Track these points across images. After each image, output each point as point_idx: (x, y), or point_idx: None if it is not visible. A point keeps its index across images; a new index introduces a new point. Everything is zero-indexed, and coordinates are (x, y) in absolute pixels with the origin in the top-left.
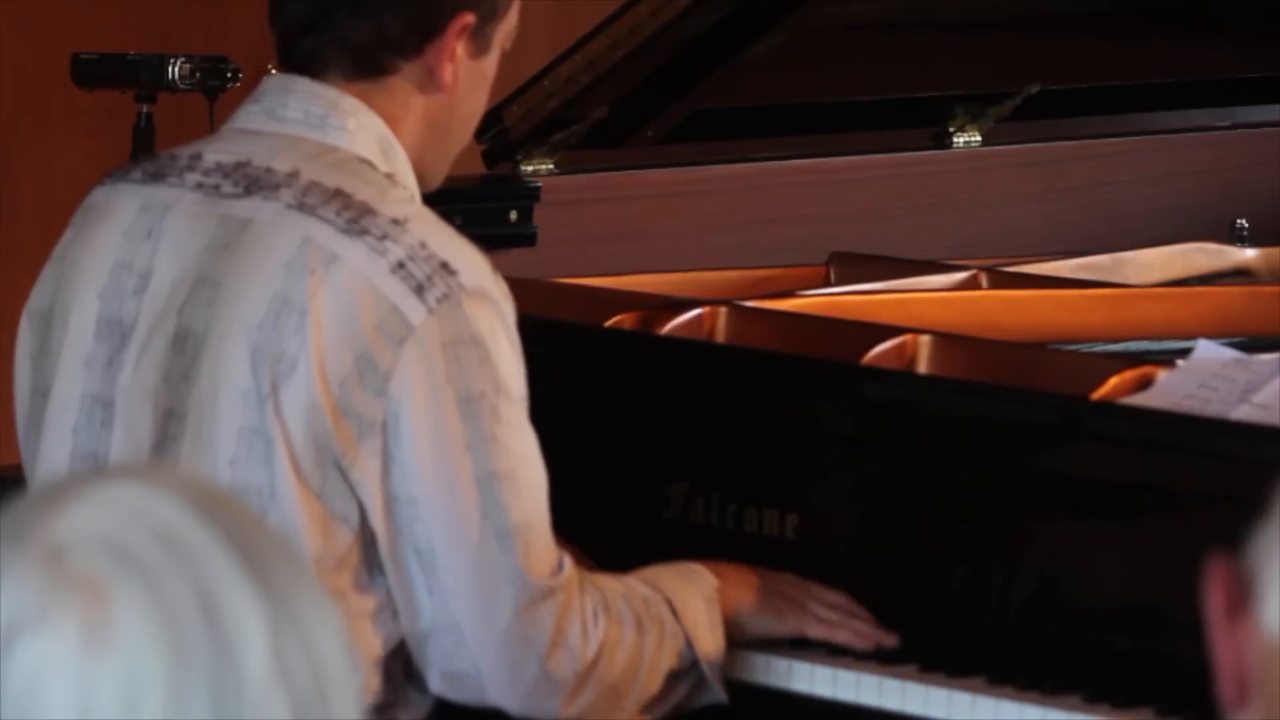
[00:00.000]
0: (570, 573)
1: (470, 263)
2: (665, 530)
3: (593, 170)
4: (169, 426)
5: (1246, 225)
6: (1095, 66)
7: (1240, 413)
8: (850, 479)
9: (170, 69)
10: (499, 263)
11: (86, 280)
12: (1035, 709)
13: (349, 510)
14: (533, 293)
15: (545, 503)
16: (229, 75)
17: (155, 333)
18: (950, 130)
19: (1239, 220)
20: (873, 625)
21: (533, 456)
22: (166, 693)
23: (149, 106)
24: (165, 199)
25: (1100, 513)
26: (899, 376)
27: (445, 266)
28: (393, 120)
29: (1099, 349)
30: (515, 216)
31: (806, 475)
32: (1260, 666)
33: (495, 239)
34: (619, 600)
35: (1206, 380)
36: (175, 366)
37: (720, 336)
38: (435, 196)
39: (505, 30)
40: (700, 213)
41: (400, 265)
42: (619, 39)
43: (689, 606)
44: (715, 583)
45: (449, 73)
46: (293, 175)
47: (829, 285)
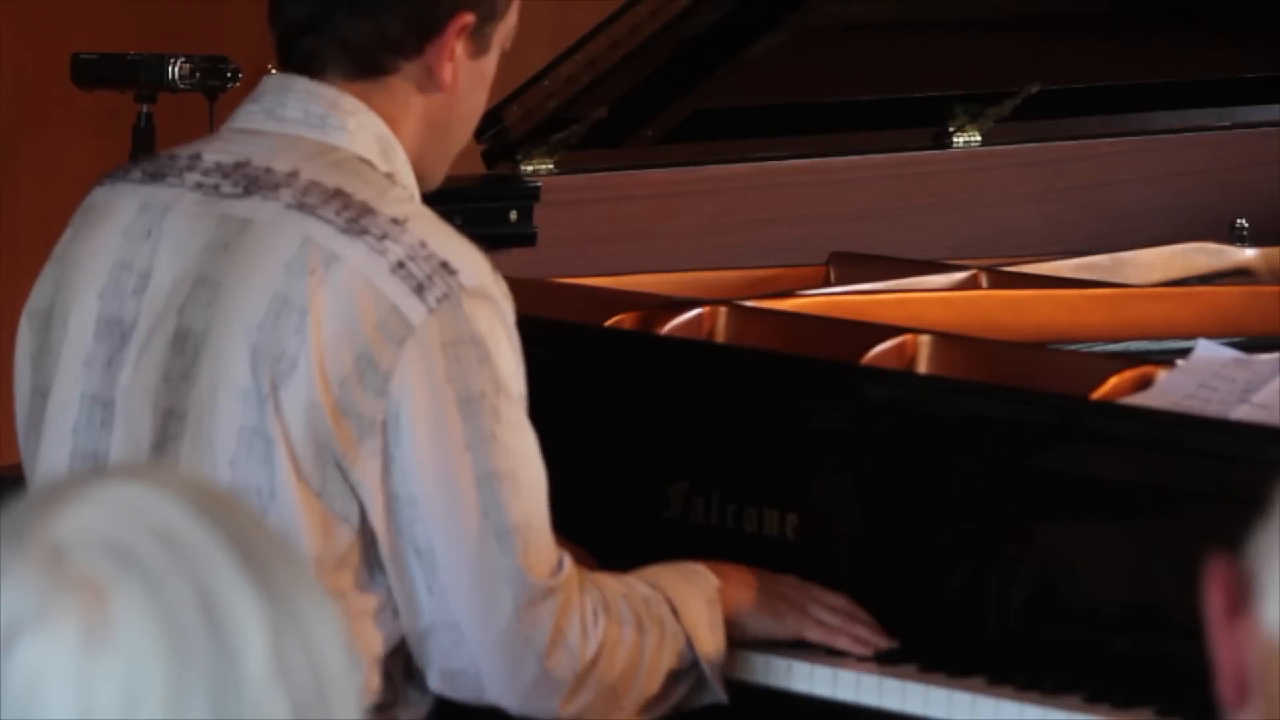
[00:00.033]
0: (570, 572)
1: (470, 262)
2: (665, 530)
3: (593, 170)
4: (169, 426)
5: (1246, 225)
6: (1095, 66)
7: (1240, 413)
8: (850, 479)
9: (170, 69)
10: (499, 263)
11: (86, 280)
12: (1035, 709)
13: (349, 510)
14: (533, 293)
15: (545, 502)
16: (229, 75)
17: (155, 333)
18: (950, 130)
19: (1239, 220)
20: (872, 629)
21: (532, 456)
22: (166, 693)
23: (149, 106)
24: (165, 199)
25: (1100, 513)
26: (899, 376)
27: (445, 266)
28: (392, 120)
29: (1099, 349)
30: (515, 216)
31: (806, 475)
32: (1260, 666)
33: (495, 239)
34: (619, 600)
35: (1206, 380)
36: (175, 366)
37: (720, 336)
38: (435, 196)
39: (505, 30)
40: (700, 213)
41: (400, 265)
42: (619, 39)
43: (690, 606)
44: (716, 582)
45: (449, 72)
46: (292, 175)
47: (829, 285)
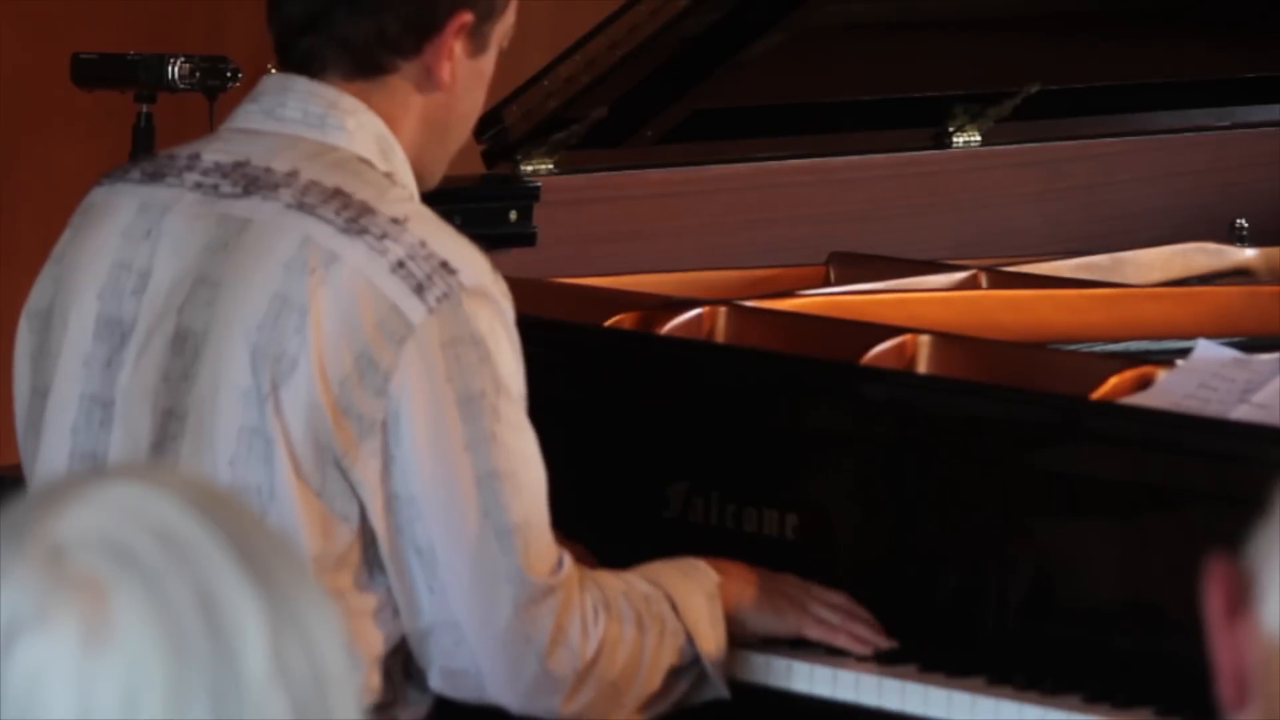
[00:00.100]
0: (570, 571)
1: (470, 262)
2: (665, 530)
3: (592, 170)
4: (168, 426)
5: (1246, 225)
6: (1095, 66)
7: (1240, 413)
8: (850, 479)
9: (170, 69)
10: (499, 263)
11: (85, 280)
12: (1035, 709)
13: (349, 509)
14: (533, 293)
15: (545, 501)
16: (229, 75)
17: (154, 333)
18: (950, 130)
19: (1238, 220)
20: (872, 629)
21: (532, 455)
22: (166, 693)
23: (149, 106)
24: (164, 199)
25: (1100, 513)
26: (899, 376)
27: (445, 265)
28: (391, 119)
29: (1099, 349)
30: (515, 216)
31: (806, 475)
32: (1260, 666)
33: (495, 239)
34: (619, 598)
35: (1206, 380)
36: (174, 366)
37: (720, 336)
38: (435, 196)
39: (503, 29)
40: (700, 213)
41: (400, 264)
42: (619, 39)
43: (690, 603)
44: (716, 578)
45: (447, 71)
46: (292, 175)
47: (829, 285)
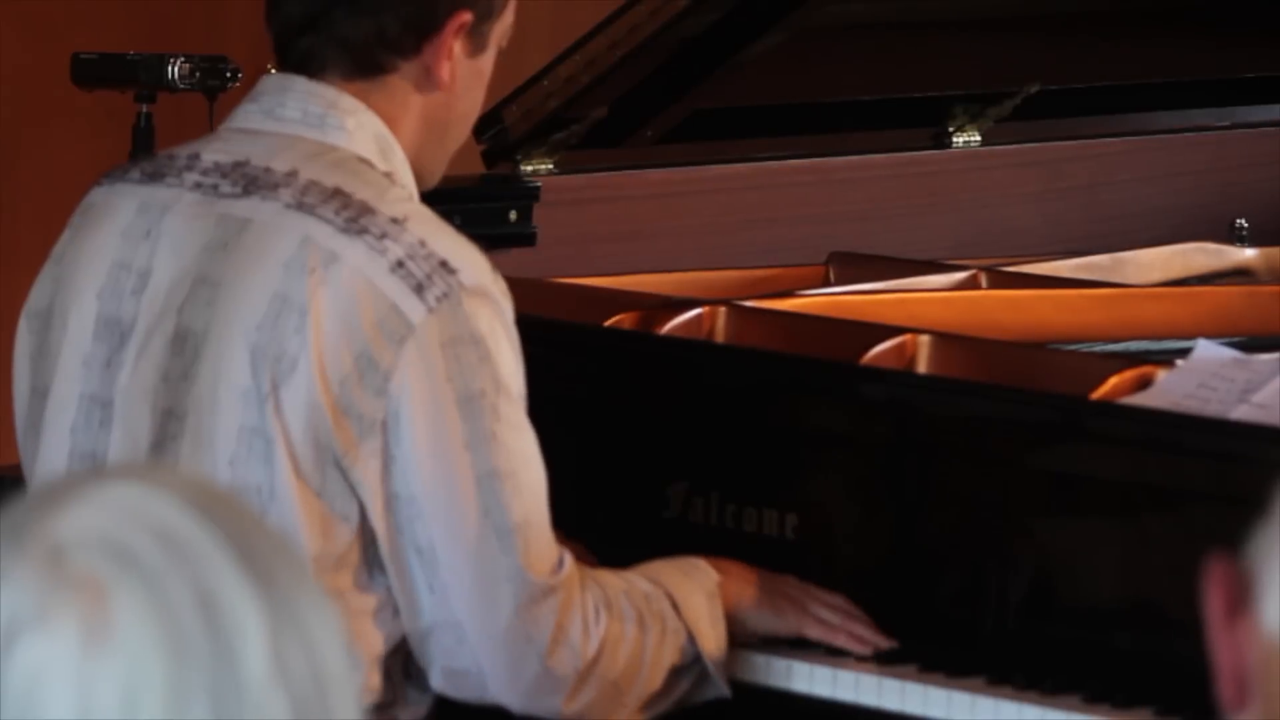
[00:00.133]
0: (571, 570)
1: (469, 261)
2: (665, 530)
3: (592, 170)
4: (168, 426)
5: (1246, 225)
6: (1095, 66)
7: (1240, 413)
8: (850, 479)
9: (170, 69)
10: (499, 263)
11: (85, 280)
12: (1034, 709)
13: (349, 509)
14: (533, 293)
15: (545, 501)
16: (229, 75)
17: (154, 333)
18: (950, 130)
19: (1238, 220)
20: (871, 630)
21: (532, 455)
22: (166, 693)
23: (149, 106)
24: (163, 199)
25: (1100, 513)
26: (899, 376)
27: (445, 265)
28: (391, 119)
29: (1099, 349)
30: (515, 216)
31: (806, 475)
32: (1260, 666)
33: (495, 239)
34: (620, 596)
35: (1206, 380)
36: (174, 366)
37: (720, 336)
38: (435, 196)
39: (502, 28)
40: (700, 213)
41: (400, 264)
42: (619, 39)
43: (690, 602)
44: (716, 577)
45: (447, 71)
46: (291, 175)
47: (829, 285)
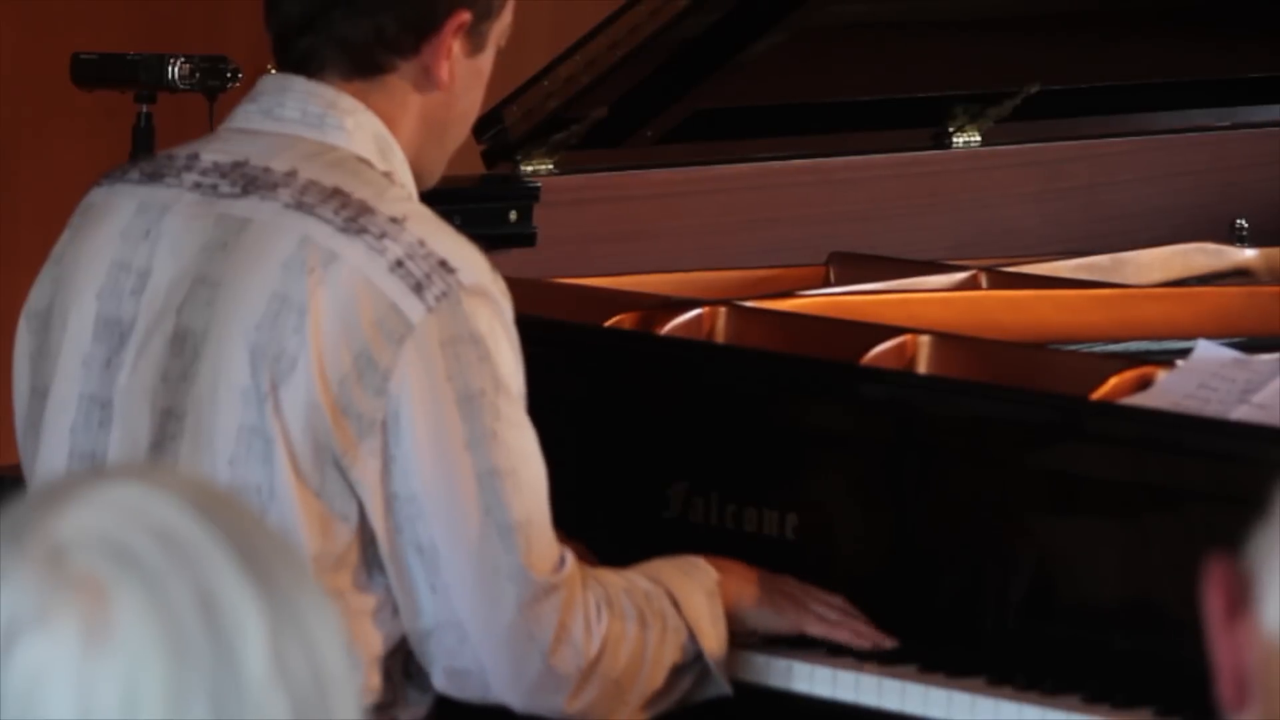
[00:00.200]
0: (572, 568)
1: (469, 260)
2: (665, 530)
3: (593, 170)
4: (167, 426)
5: (1246, 225)
6: (1095, 66)
7: (1240, 413)
8: (850, 479)
9: (170, 69)
10: (499, 263)
11: (85, 280)
12: (1035, 709)
13: (348, 509)
14: (533, 293)
15: (546, 499)
16: (229, 75)
17: (153, 333)
18: (950, 130)
19: (1238, 220)
20: (871, 628)
21: (533, 453)
22: (166, 693)
23: (149, 106)
24: (163, 199)
25: (1100, 513)
26: (899, 376)
27: (444, 264)
28: (390, 119)
29: (1099, 349)
30: (515, 216)
31: (806, 475)
32: (1260, 667)
33: (495, 239)
34: (621, 595)
35: (1206, 380)
36: (174, 366)
37: (720, 336)
38: (435, 196)
39: (500, 28)
40: (700, 213)
41: (399, 263)
42: (619, 39)
43: (691, 600)
44: (716, 575)
45: (446, 71)
46: (290, 174)
47: (829, 285)
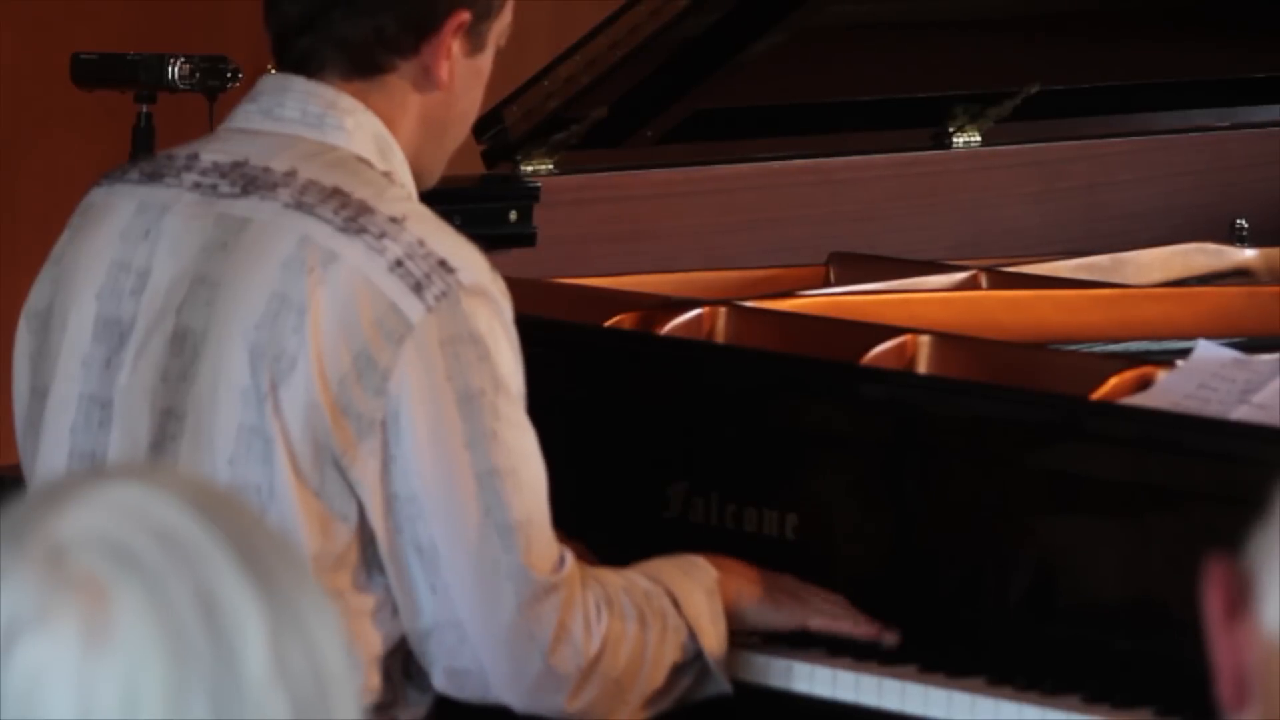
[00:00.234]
0: (572, 568)
1: (468, 260)
2: (665, 530)
3: (593, 170)
4: (167, 426)
5: (1246, 225)
6: (1095, 66)
7: (1240, 413)
8: (850, 479)
9: (170, 69)
10: (499, 263)
11: (84, 281)
12: (1035, 709)
13: (348, 509)
14: (533, 293)
15: (545, 499)
16: (229, 75)
17: (153, 333)
18: (950, 130)
19: (1238, 220)
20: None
21: (532, 453)
22: (166, 693)
23: (149, 106)
24: (162, 199)
25: (1100, 513)
26: (899, 376)
27: (443, 264)
28: (390, 119)
29: (1099, 349)
30: (515, 216)
31: (806, 475)
32: (1259, 667)
33: (495, 239)
34: (621, 594)
35: (1206, 380)
36: (173, 366)
37: (720, 336)
38: (435, 196)
39: (500, 28)
40: (700, 213)
41: (398, 263)
42: (619, 39)
43: (690, 599)
44: (715, 574)
45: (445, 70)
46: (290, 174)
47: (829, 285)
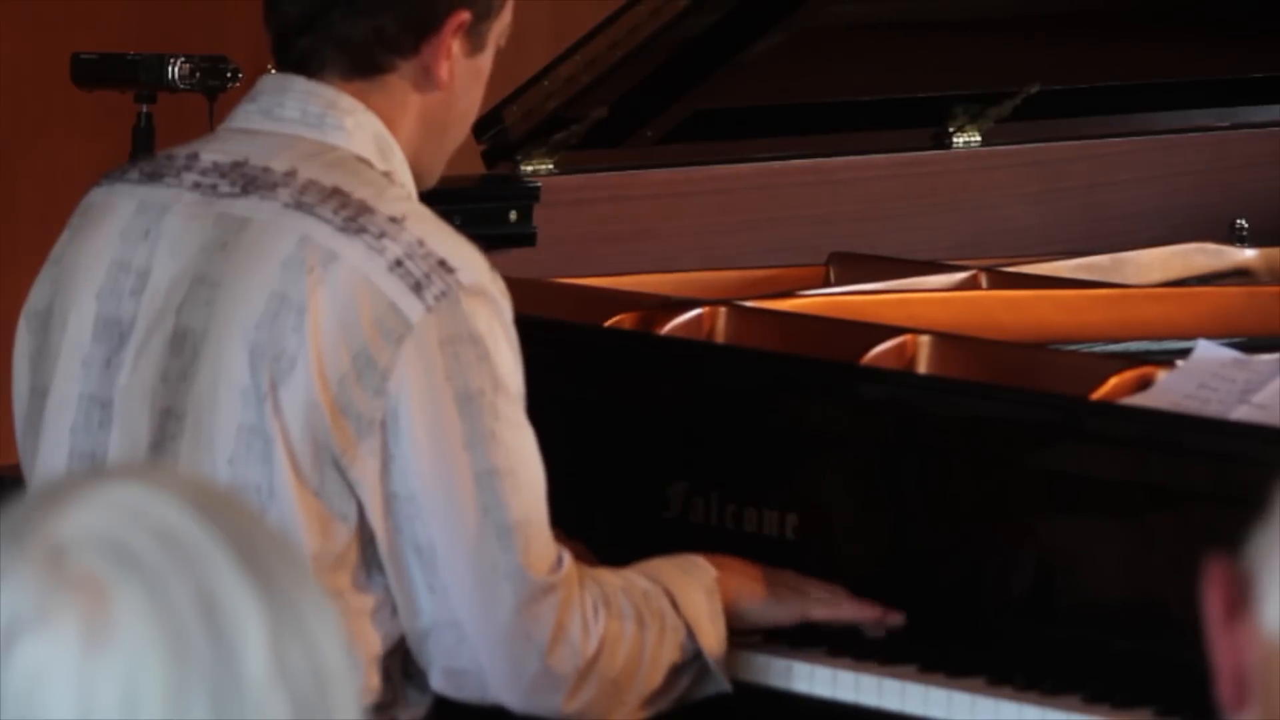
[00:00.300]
0: (570, 568)
1: (468, 260)
2: (665, 530)
3: (593, 170)
4: (167, 426)
5: (1246, 225)
6: (1095, 67)
7: (1240, 413)
8: (850, 479)
9: (170, 69)
10: (499, 263)
11: (84, 281)
12: (1035, 709)
13: (347, 509)
14: (533, 293)
15: (544, 499)
16: (229, 75)
17: (153, 332)
18: (950, 130)
19: (1238, 220)
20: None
21: (531, 453)
22: (166, 693)
23: (149, 106)
24: (162, 199)
25: (1100, 513)
26: (899, 376)
27: (443, 264)
28: (390, 119)
29: (1099, 349)
30: (515, 216)
31: (806, 475)
32: (1259, 667)
33: (495, 239)
34: (619, 594)
35: (1206, 380)
36: (173, 366)
37: (720, 336)
38: (435, 196)
39: (500, 28)
40: (700, 213)
41: (398, 263)
42: (619, 39)
43: (689, 599)
44: (714, 573)
45: (445, 70)
46: (290, 174)
47: (829, 285)
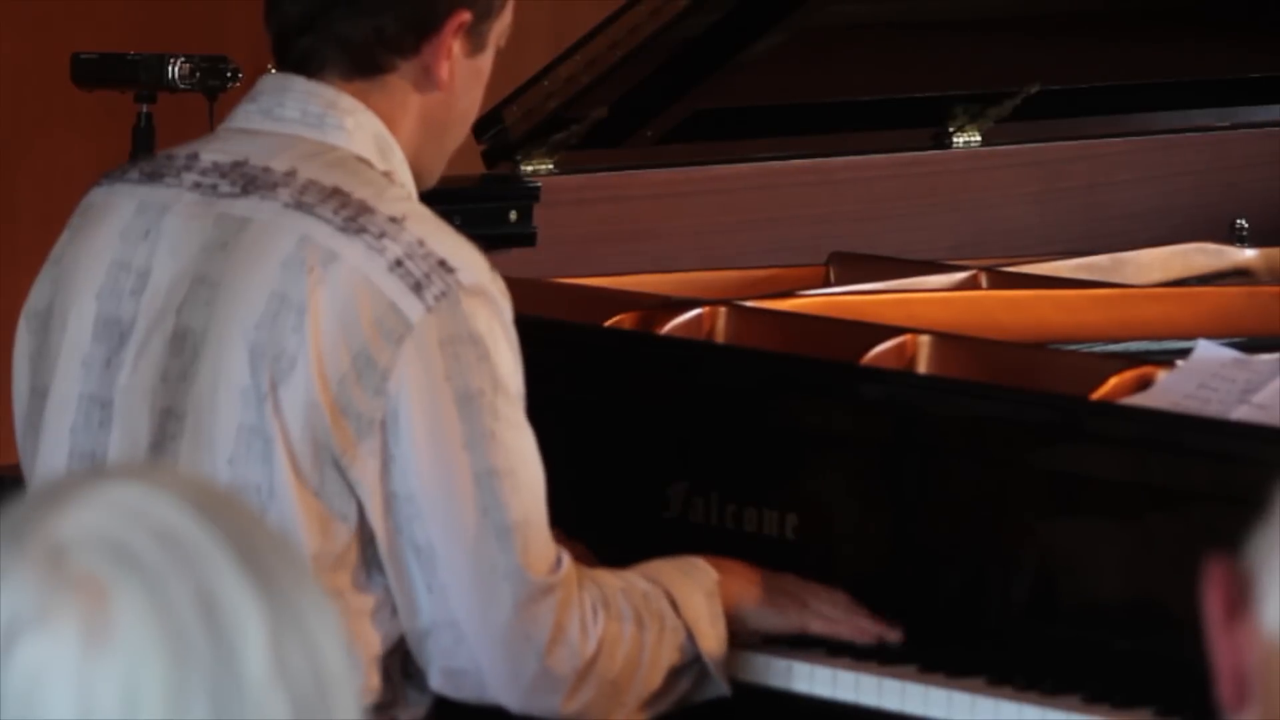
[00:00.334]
0: (569, 569)
1: (468, 260)
2: (665, 530)
3: (593, 170)
4: (167, 426)
5: (1246, 225)
6: (1095, 67)
7: (1240, 413)
8: (850, 479)
9: (170, 69)
10: (499, 263)
11: (84, 281)
12: (1035, 709)
13: (347, 509)
14: (533, 293)
15: (543, 500)
16: (229, 75)
17: (153, 332)
18: (950, 130)
19: (1238, 220)
20: (875, 621)
21: (531, 454)
22: (166, 693)
23: (149, 106)
24: (162, 199)
25: (1100, 513)
26: (899, 376)
27: (443, 264)
28: (390, 119)
29: (1099, 349)
30: (515, 216)
31: (806, 475)
32: (1259, 667)
33: (495, 239)
34: (618, 596)
35: (1206, 380)
36: (173, 366)
37: (720, 336)
38: (435, 196)
39: (500, 28)
40: (700, 213)
41: (398, 263)
42: (619, 39)
43: (690, 601)
44: (715, 576)
45: (446, 70)
46: (290, 174)
47: (829, 285)
